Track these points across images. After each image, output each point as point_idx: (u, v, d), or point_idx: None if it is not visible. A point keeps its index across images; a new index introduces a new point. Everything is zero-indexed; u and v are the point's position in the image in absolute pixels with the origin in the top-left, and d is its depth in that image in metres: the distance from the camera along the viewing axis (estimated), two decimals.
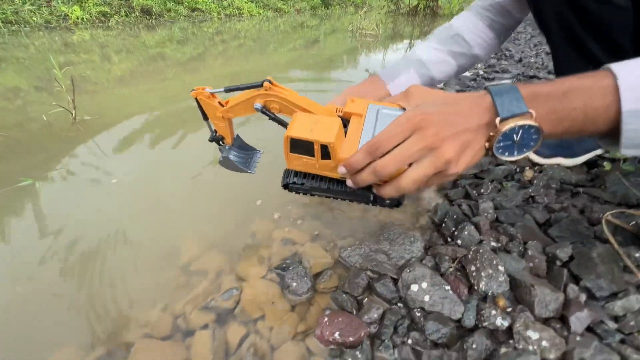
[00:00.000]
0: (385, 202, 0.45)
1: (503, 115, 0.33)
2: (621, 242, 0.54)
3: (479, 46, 0.72)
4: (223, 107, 0.45)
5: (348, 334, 0.43)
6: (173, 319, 0.48)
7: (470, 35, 0.70)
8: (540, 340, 0.40)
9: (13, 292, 0.52)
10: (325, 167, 0.41)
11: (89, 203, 0.72)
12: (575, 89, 0.32)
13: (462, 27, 0.71)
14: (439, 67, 0.69)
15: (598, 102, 0.31)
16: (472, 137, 0.35)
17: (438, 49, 0.70)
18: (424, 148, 0.35)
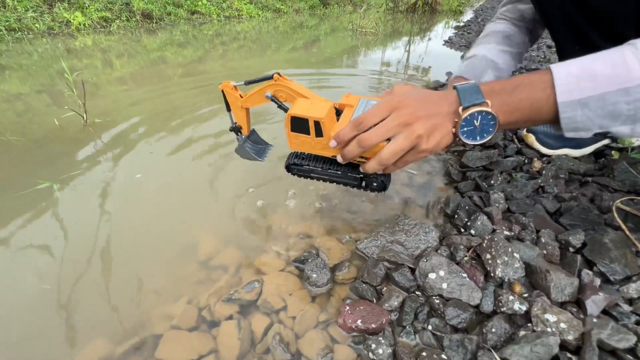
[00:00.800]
0: (373, 184, 0.50)
1: (464, 105, 0.40)
2: (632, 229, 0.55)
3: (523, 48, 0.78)
4: (242, 98, 0.53)
5: (370, 321, 0.44)
6: (198, 311, 0.50)
7: (518, 38, 0.76)
8: (558, 322, 0.41)
9: (41, 290, 0.53)
10: (320, 145, 0.48)
11: (107, 202, 0.74)
12: (522, 84, 0.39)
13: (510, 32, 0.77)
14: (508, 67, 0.75)
15: (540, 94, 0.37)
16: (440, 120, 0.41)
17: (504, 50, 0.75)
18: (399, 124, 0.41)
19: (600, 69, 0.35)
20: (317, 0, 6.80)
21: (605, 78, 0.34)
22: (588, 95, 0.35)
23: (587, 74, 0.35)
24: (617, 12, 0.57)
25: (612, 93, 0.34)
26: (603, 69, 0.35)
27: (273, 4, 5.85)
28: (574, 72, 0.36)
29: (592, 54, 0.37)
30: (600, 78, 0.35)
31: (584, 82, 0.35)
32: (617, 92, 0.34)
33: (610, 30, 0.59)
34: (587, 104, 0.36)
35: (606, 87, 0.34)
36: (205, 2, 4.74)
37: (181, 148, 0.96)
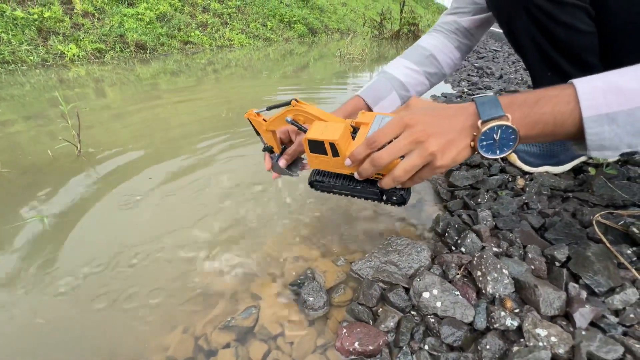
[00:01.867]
0: (392, 199, 0.51)
1: (484, 118, 0.38)
2: (612, 241, 0.58)
3: (448, 66, 0.79)
4: (266, 122, 0.57)
5: (367, 343, 0.45)
6: (194, 340, 0.49)
7: (442, 56, 0.77)
8: (549, 336, 0.42)
9: (34, 324, 0.52)
10: (337, 164, 0.49)
11: (100, 232, 0.74)
12: (544, 96, 0.37)
13: (434, 49, 0.77)
14: (417, 87, 0.75)
15: (564, 107, 0.36)
16: (456, 136, 0.40)
17: (416, 70, 0.75)
18: (412, 142, 0.40)
19: (628, 84, 0.33)
20: (305, 29, 7.12)
21: (634, 92, 0.33)
22: (615, 111, 0.33)
23: (613, 87, 0.33)
24: (583, 44, 0.63)
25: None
26: (630, 83, 0.33)
27: (264, 33, 6.10)
28: (599, 86, 0.34)
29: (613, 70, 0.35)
30: (627, 93, 0.33)
31: (611, 96, 0.33)
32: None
33: (578, 60, 0.65)
34: (615, 119, 0.34)
35: (636, 103, 0.33)
36: (197, 32, 4.92)
37: (176, 177, 0.97)
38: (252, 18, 6.32)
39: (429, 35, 0.80)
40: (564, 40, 0.62)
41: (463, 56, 0.81)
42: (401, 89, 0.72)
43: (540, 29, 0.63)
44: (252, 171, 0.98)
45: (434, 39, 0.79)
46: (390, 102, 0.71)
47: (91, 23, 3.95)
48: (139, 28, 4.23)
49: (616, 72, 0.35)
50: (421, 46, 0.78)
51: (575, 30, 0.60)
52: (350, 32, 8.29)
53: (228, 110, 1.61)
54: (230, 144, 1.18)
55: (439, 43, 0.78)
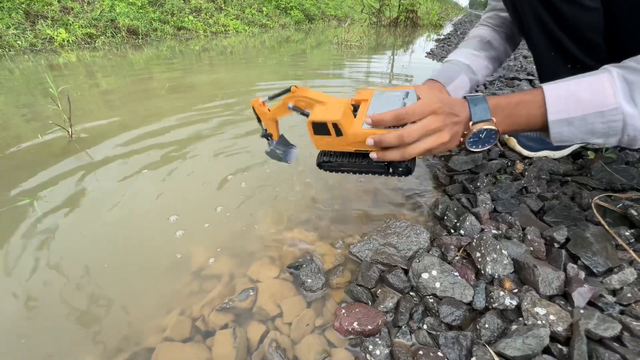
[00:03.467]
0: (399, 170, 0.52)
1: (474, 120, 0.47)
2: (611, 223, 0.58)
3: (503, 53, 0.82)
4: (270, 111, 0.59)
5: (366, 323, 0.45)
6: (192, 321, 0.49)
7: (496, 43, 0.81)
8: (547, 315, 0.42)
9: (28, 307, 0.51)
10: (342, 142, 0.50)
11: (95, 217, 0.72)
12: (522, 101, 0.46)
13: (489, 36, 0.81)
14: (482, 71, 0.79)
15: (536, 112, 0.45)
16: (458, 129, 0.48)
17: (479, 55, 0.79)
18: (435, 128, 0.46)
19: (583, 94, 0.41)
20: (302, 16, 6.98)
21: (587, 102, 0.41)
22: (573, 116, 0.42)
23: (573, 97, 0.42)
24: (587, 21, 0.62)
25: (591, 115, 0.41)
26: (585, 94, 0.41)
27: (259, 19, 5.96)
28: (562, 95, 0.43)
29: (576, 78, 0.44)
30: (583, 102, 0.41)
31: (570, 105, 0.42)
32: (595, 114, 0.41)
33: (581, 38, 0.64)
34: (572, 122, 0.43)
35: (587, 110, 0.41)
36: (191, 18, 4.80)
37: (169, 161, 0.95)
38: (247, 3, 6.17)
39: (479, 28, 0.84)
40: (569, 17, 0.61)
41: (513, 47, 0.84)
42: (469, 71, 0.76)
43: (545, 5, 0.62)
44: (250, 155, 0.96)
45: (486, 31, 0.82)
46: (461, 82, 0.74)
47: (80, 7, 3.83)
48: (131, 12, 4.11)
49: (576, 81, 0.43)
50: (477, 35, 0.82)
51: (580, 6, 0.59)
52: (347, 18, 8.14)
53: (222, 96, 1.57)
54: (225, 129, 1.16)
55: (491, 33, 0.82)
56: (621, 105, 0.40)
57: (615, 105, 0.40)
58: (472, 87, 0.77)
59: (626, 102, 0.40)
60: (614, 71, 0.41)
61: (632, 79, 0.40)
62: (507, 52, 0.83)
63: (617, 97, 0.40)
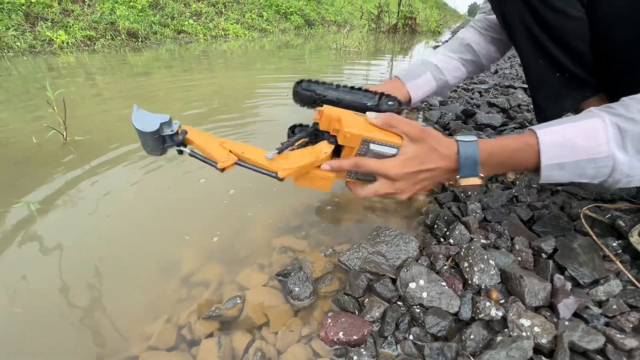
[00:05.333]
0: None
1: (461, 175, 0.47)
2: (599, 234, 0.58)
3: (485, 57, 0.82)
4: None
5: (352, 333, 0.44)
6: (177, 329, 0.48)
7: (477, 47, 0.81)
8: (532, 327, 0.43)
9: (11, 313, 0.51)
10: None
11: (84, 221, 0.72)
12: (517, 150, 0.46)
13: (470, 39, 0.81)
14: (453, 72, 0.79)
15: (528, 160, 0.46)
16: (429, 184, 0.50)
17: (451, 56, 0.80)
18: (388, 194, 0.50)
19: (578, 141, 0.43)
20: (302, 21, 7.03)
21: (581, 149, 0.43)
22: (565, 161, 0.44)
23: (567, 144, 0.43)
24: (573, 29, 0.62)
25: (584, 161, 0.43)
26: (580, 141, 0.43)
27: (259, 23, 6.00)
28: (557, 142, 0.44)
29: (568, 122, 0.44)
30: (576, 149, 0.43)
31: (565, 151, 0.43)
32: (587, 161, 0.43)
33: (568, 46, 0.65)
34: (563, 167, 0.44)
35: (580, 156, 0.43)
36: (191, 22, 4.83)
37: (162, 165, 0.95)
38: (247, 8, 6.21)
39: (465, 30, 0.85)
40: (555, 26, 0.62)
41: (501, 50, 0.84)
42: (435, 71, 0.77)
43: (532, 14, 0.63)
44: None
45: (469, 33, 0.83)
46: (425, 81, 0.75)
47: (81, 9, 3.85)
48: (131, 15, 4.13)
49: (570, 128, 0.44)
50: (458, 37, 0.83)
51: (566, 15, 0.60)
52: (347, 24, 8.20)
53: (220, 100, 1.58)
54: (221, 133, 1.17)
55: (474, 36, 0.82)
56: (613, 153, 0.41)
57: (608, 153, 0.41)
58: (440, 86, 0.78)
59: (618, 150, 0.41)
60: (606, 118, 0.42)
61: (624, 127, 0.41)
62: (491, 56, 0.83)
63: (610, 145, 0.41)
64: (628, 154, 0.41)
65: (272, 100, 1.63)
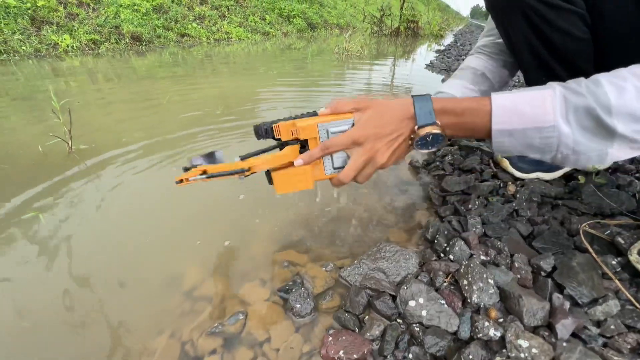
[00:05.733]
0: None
1: (420, 123, 0.48)
2: (598, 251, 0.59)
3: (497, 83, 0.82)
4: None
5: (352, 352, 0.45)
6: (181, 345, 0.49)
7: (491, 75, 0.81)
8: (530, 348, 0.43)
9: (20, 328, 0.52)
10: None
11: (89, 232, 0.73)
12: (468, 108, 0.47)
13: (484, 69, 0.81)
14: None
15: (480, 121, 0.46)
16: (400, 142, 0.50)
17: (472, 89, 0.79)
18: (365, 160, 0.51)
19: (525, 108, 0.43)
20: (304, 24, 7.06)
21: (528, 116, 0.42)
22: (514, 128, 0.44)
23: (516, 110, 0.43)
24: (577, 50, 0.63)
25: (530, 129, 0.43)
26: (527, 108, 0.42)
27: (262, 27, 6.03)
28: (507, 106, 0.44)
29: (522, 90, 0.45)
30: (524, 116, 0.43)
31: (513, 117, 0.43)
32: (533, 129, 0.43)
33: (572, 66, 0.65)
34: (512, 134, 0.44)
35: (527, 124, 0.43)
36: (194, 25, 4.86)
37: (167, 176, 0.97)
38: (250, 11, 6.24)
39: (475, 57, 0.84)
40: (559, 46, 0.62)
41: (512, 73, 0.84)
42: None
43: (536, 34, 0.63)
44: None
45: (480, 61, 0.82)
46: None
47: (86, 13, 3.88)
48: (135, 19, 4.16)
49: (521, 95, 0.43)
50: (471, 67, 0.82)
51: (570, 36, 0.60)
52: (349, 27, 8.22)
53: (224, 107, 1.59)
54: (224, 141, 1.18)
55: (486, 64, 0.82)
56: (558, 124, 0.41)
57: (553, 123, 0.41)
58: None
59: (562, 120, 0.41)
60: (557, 89, 0.42)
61: (569, 98, 0.41)
62: (504, 80, 0.83)
63: (555, 115, 0.41)
64: (571, 126, 0.41)
65: (274, 104, 1.64)
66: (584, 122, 0.40)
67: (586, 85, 0.41)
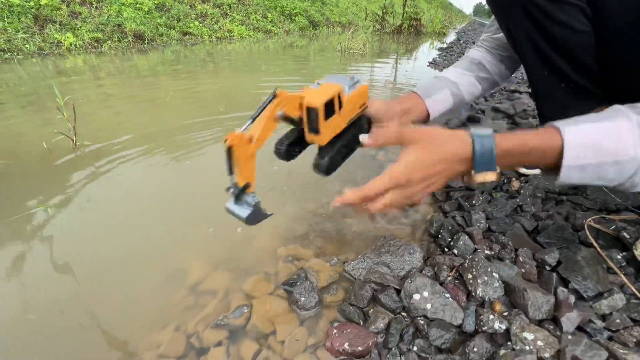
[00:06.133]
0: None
1: (477, 170, 0.44)
2: (603, 246, 0.59)
3: (497, 75, 0.83)
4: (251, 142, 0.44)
5: (357, 344, 0.45)
6: (186, 338, 0.50)
7: (489, 65, 0.82)
8: (535, 340, 0.43)
9: (25, 320, 0.53)
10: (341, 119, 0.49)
11: (95, 227, 0.74)
12: (537, 148, 0.42)
13: (482, 58, 0.82)
14: (468, 88, 0.79)
15: (549, 159, 0.42)
16: (442, 181, 0.46)
17: (467, 74, 0.80)
18: (402, 198, 0.45)
19: (603, 142, 0.40)
20: (306, 22, 7.04)
21: (605, 151, 0.40)
22: (588, 163, 0.40)
23: (592, 145, 0.40)
24: (578, 43, 0.63)
25: (608, 164, 0.40)
26: (606, 142, 0.40)
27: (264, 25, 6.02)
28: (582, 143, 0.40)
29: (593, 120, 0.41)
30: (601, 151, 0.40)
31: (589, 152, 0.40)
32: (611, 163, 0.40)
33: (574, 59, 0.65)
34: (585, 168, 0.41)
35: (604, 159, 0.40)
36: (197, 23, 4.86)
37: (171, 171, 0.97)
38: (252, 9, 6.23)
39: (474, 50, 0.85)
40: (561, 39, 0.62)
41: (511, 68, 0.85)
42: (453, 87, 0.77)
43: (537, 28, 0.63)
44: None
45: (478, 52, 0.84)
46: (442, 96, 0.75)
47: (89, 11, 3.89)
48: (138, 18, 4.17)
49: (596, 127, 0.41)
50: (469, 56, 0.83)
51: (571, 29, 0.60)
52: (352, 25, 8.20)
53: (226, 104, 1.59)
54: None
55: (485, 55, 0.83)
56: (638, 156, 0.39)
57: (634, 155, 0.39)
58: (456, 102, 0.78)
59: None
60: (634, 118, 0.39)
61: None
62: (502, 74, 0.83)
63: (636, 148, 0.39)
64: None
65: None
66: None
67: None
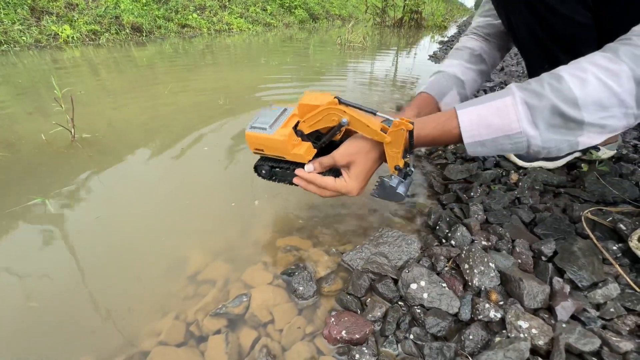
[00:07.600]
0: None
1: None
2: (600, 237, 0.59)
3: (492, 65, 0.82)
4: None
5: (354, 332, 0.46)
6: (186, 326, 0.50)
7: (486, 56, 0.81)
8: (530, 328, 0.44)
9: (27, 308, 0.53)
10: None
11: (94, 218, 0.74)
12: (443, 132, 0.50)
13: (480, 50, 0.81)
14: (471, 85, 0.79)
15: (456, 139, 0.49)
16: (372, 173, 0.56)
17: (471, 68, 0.79)
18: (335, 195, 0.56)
19: (492, 119, 0.46)
20: (306, 15, 6.97)
21: (495, 127, 0.46)
22: (484, 139, 0.47)
23: (483, 123, 0.46)
24: (579, 36, 0.62)
25: (500, 137, 0.46)
26: (494, 119, 0.45)
27: (263, 17, 5.96)
28: (474, 121, 0.47)
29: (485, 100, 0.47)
30: (492, 127, 0.46)
31: (482, 129, 0.47)
32: (503, 137, 0.46)
33: (575, 52, 0.65)
34: (484, 143, 0.47)
35: (496, 134, 0.46)
36: (195, 16, 4.80)
37: (169, 163, 0.97)
38: (251, 2, 6.16)
39: (470, 38, 0.83)
40: (562, 32, 0.62)
41: (503, 56, 0.84)
42: (460, 87, 0.76)
43: (538, 21, 0.63)
44: (247, 160, 0.97)
45: (476, 42, 0.82)
46: (452, 98, 0.75)
47: (85, 3, 3.84)
48: (135, 9, 4.12)
49: (486, 106, 0.46)
50: (468, 47, 0.81)
51: (573, 22, 0.60)
52: (352, 18, 8.12)
53: (225, 97, 1.59)
54: (227, 132, 1.18)
55: (482, 45, 0.81)
56: (524, 130, 0.44)
57: (519, 129, 0.44)
58: (461, 100, 0.77)
59: (528, 126, 0.44)
60: (517, 95, 0.44)
61: (533, 104, 0.43)
62: (495, 63, 0.82)
63: (520, 122, 0.44)
64: (538, 129, 0.43)
65: (276, 95, 1.63)
66: (551, 121, 0.42)
67: (549, 84, 0.42)
